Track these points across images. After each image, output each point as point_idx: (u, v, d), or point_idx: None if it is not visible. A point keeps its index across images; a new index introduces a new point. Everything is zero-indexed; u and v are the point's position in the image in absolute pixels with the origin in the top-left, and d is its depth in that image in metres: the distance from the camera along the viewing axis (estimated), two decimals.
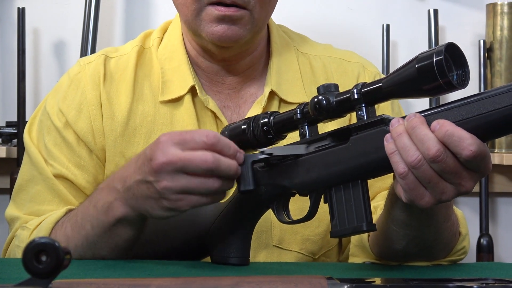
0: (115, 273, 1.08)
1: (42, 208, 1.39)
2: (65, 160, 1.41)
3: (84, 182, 1.41)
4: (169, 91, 1.43)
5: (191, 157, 1.08)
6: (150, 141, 1.40)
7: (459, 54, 1.00)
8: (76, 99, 1.43)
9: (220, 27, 1.36)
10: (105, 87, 1.44)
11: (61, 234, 1.28)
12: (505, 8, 2.16)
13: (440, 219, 1.17)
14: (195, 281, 0.81)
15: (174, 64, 1.45)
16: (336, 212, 1.10)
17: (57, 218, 1.31)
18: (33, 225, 1.34)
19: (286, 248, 1.43)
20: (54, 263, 0.74)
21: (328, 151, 1.10)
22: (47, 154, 1.42)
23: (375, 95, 1.06)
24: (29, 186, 1.42)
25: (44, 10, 2.20)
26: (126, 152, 1.41)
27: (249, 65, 1.47)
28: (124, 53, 1.48)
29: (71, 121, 1.42)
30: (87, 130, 1.42)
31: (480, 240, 2.16)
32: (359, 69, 1.53)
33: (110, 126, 1.42)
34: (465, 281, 0.92)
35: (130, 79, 1.45)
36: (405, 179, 1.01)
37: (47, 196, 1.40)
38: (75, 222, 1.26)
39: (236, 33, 1.37)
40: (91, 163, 1.42)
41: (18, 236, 1.35)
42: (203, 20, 1.37)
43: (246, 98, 1.47)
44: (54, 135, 1.42)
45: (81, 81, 1.45)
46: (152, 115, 1.43)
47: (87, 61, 1.48)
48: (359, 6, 2.23)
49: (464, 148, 0.97)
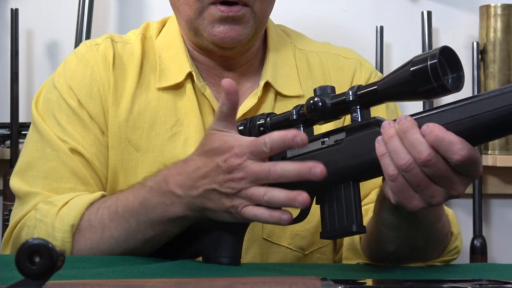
0: (109, 270, 1.07)
1: (61, 186, 1.35)
2: (79, 137, 1.38)
3: (98, 163, 1.39)
4: (166, 78, 1.44)
5: (267, 170, 1.07)
6: (154, 125, 1.41)
7: (454, 57, 1.00)
8: (86, 77, 1.42)
9: (223, 28, 1.37)
10: (114, 71, 1.43)
11: (96, 219, 1.23)
12: (499, 10, 2.16)
13: (431, 220, 1.17)
14: (189, 283, 0.81)
15: (171, 53, 1.46)
16: (327, 213, 1.10)
17: (91, 200, 1.26)
18: (61, 202, 1.28)
19: (276, 242, 1.43)
20: (48, 264, 0.74)
21: (321, 152, 1.11)
22: (60, 131, 1.39)
23: (370, 98, 1.06)
24: (41, 162, 1.37)
25: (38, 11, 2.19)
26: (131, 138, 1.41)
27: (246, 60, 1.48)
28: (129, 41, 1.48)
29: (83, 100, 1.40)
30: (99, 110, 1.41)
31: (473, 242, 2.16)
32: (355, 66, 1.53)
33: (114, 112, 1.41)
34: (459, 282, 0.92)
35: (137, 66, 1.44)
36: (394, 182, 1.02)
37: (64, 173, 1.36)
38: (115, 213, 1.22)
39: (239, 33, 1.37)
40: (104, 144, 1.40)
41: (40, 210, 1.29)
42: (206, 19, 1.37)
43: (243, 91, 1.48)
44: (66, 112, 1.40)
45: (90, 60, 1.44)
46: (155, 101, 1.43)
47: (94, 43, 1.47)
48: (353, 8, 2.23)
49: (454, 152, 0.97)
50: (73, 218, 1.24)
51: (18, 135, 2.07)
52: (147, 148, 1.41)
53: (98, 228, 1.23)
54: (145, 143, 1.41)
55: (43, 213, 1.28)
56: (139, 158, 1.40)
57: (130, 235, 1.21)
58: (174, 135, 1.41)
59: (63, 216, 1.25)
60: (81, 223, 1.24)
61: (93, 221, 1.24)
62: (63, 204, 1.28)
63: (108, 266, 1.11)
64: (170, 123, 1.42)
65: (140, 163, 1.39)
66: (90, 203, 1.26)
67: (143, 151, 1.40)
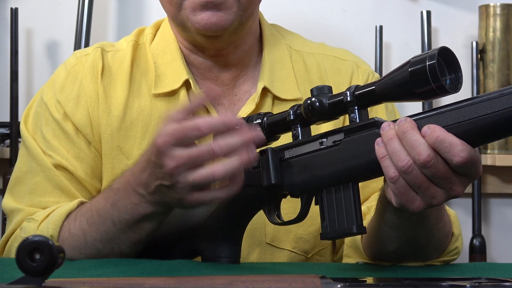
0: (108, 271, 1.07)
1: (44, 200, 1.37)
2: (64, 151, 1.40)
3: (84, 174, 1.40)
4: (163, 85, 1.43)
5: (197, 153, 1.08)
6: (146, 135, 1.41)
7: (452, 58, 1.00)
8: (74, 90, 1.43)
9: (204, 14, 1.36)
10: (103, 81, 1.43)
11: (76, 227, 1.26)
12: (498, 9, 2.17)
13: (432, 220, 1.18)
14: (189, 280, 0.81)
15: (167, 59, 1.45)
16: (327, 214, 1.10)
17: (69, 210, 1.29)
18: (41, 217, 1.31)
19: (279, 246, 1.43)
20: (48, 261, 0.74)
21: (319, 153, 1.10)
22: (45, 145, 1.40)
23: (368, 98, 1.06)
24: (27, 177, 1.40)
25: (37, 11, 2.19)
26: (123, 146, 1.41)
27: (240, 59, 1.47)
28: (120, 49, 1.48)
29: (69, 112, 1.41)
30: (86, 122, 1.41)
31: (472, 241, 2.16)
32: (352, 67, 1.53)
33: (106, 120, 1.41)
34: (458, 280, 0.92)
35: (126, 74, 1.44)
36: (395, 184, 1.02)
37: (47, 187, 1.38)
38: (91, 218, 1.24)
39: (221, 18, 1.36)
40: (90, 155, 1.41)
41: (24, 228, 1.33)
42: (186, 9, 1.37)
43: (240, 95, 1.47)
44: (52, 126, 1.41)
45: (79, 72, 1.44)
46: (148, 109, 1.43)
47: (84, 53, 1.47)
48: (353, 7, 2.23)
49: (455, 154, 0.98)
50: (52, 230, 1.27)
51: (17, 134, 2.07)
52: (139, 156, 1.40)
53: (80, 235, 1.25)
54: (137, 152, 1.41)
55: (26, 231, 1.32)
56: (129, 166, 1.40)
57: (111, 236, 1.22)
58: None
59: (42, 229, 1.29)
60: (61, 234, 1.27)
61: (73, 229, 1.26)
62: (43, 218, 1.31)
63: (107, 268, 1.12)
64: None
65: None
66: (67, 214, 1.29)
67: (134, 159, 1.40)
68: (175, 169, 1.08)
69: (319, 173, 1.10)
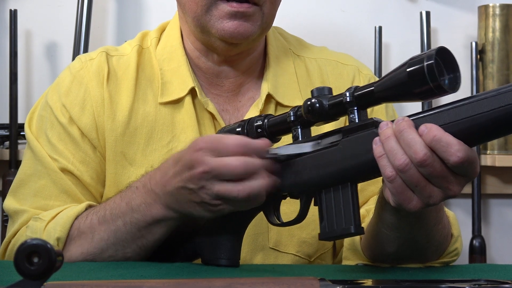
0: (107, 274, 1.07)
1: (50, 204, 1.37)
2: (70, 155, 1.39)
3: (89, 179, 1.40)
4: (169, 93, 1.43)
5: (226, 164, 1.10)
6: (150, 141, 1.41)
7: (451, 58, 1.00)
8: (79, 95, 1.42)
9: (232, 23, 1.36)
10: (109, 86, 1.43)
11: (85, 226, 1.26)
12: (497, 10, 2.16)
13: (431, 221, 1.18)
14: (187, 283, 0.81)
15: (173, 65, 1.45)
16: (325, 215, 1.10)
17: (78, 212, 1.30)
18: (48, 217, 1.31)
19: (283, 250, 1.43)
20: (46, 264, 0.74)
21: (318, 153, 1.11)
22: (50, 149, 1.40)
23: (367, 99, 1.06)
24: (32, 180, 1.39)
25: (36, 12, 2.19)
26: (127, 152, 1.41)
27: (248, 66, 1.47)
28: (125, 54, 1.47)
29: (75, 117, 1.41)
30: (91, 126, 1.41)
31: (472, 242, 2.16)
32: (354, 72, 1.53)
33: (111, 125, 1.41)
34: (458, 282, 0.92)
35: (132, 79, 1.44)
36: (392, 183, 1.02)
37: (53, 191, 1.38)
38: (103, 216, 1.25)
39: (248, 29, 1.36)
40: (95, 160, 1.41)
41: (30, 227, 1.32)
42: (214, 16, 1.36)
43: (244, 101, 1.47)
44: (58, 130, 1.41)
45: (84, 77, 1.44)
46: (153, 115, 1.42)
47: (89, 58, 1.47)
48: (352, 8, 2.23)
49: (451, 154, 0.98)
50: (59, 232, 1.27)
51: (17, 135, 2.08)
52: (142, 163, 1.40)
53: (88, 233, 1.25)
54: (140, 158, 1.41)
55: (33, 229, 1.31)
56: (132, 173, 1.40)
57: (118, 236, 1.23)
58: (170, 151, 1.40)
59: (49, 230, 1.29)
60: (71, 233, 1.28)
61: (83, 227, 1.27)
62: (51, 218, 1.31)
63: (106, 271, 1.12)
64: (166, 139, 1.42)
65: (133, 178, 1.37)
66: (76, 216, 1.29)
67: (137, 166, 1.40)
68: (203, 174, 1.10)
69: (319, 173, 1.10)
